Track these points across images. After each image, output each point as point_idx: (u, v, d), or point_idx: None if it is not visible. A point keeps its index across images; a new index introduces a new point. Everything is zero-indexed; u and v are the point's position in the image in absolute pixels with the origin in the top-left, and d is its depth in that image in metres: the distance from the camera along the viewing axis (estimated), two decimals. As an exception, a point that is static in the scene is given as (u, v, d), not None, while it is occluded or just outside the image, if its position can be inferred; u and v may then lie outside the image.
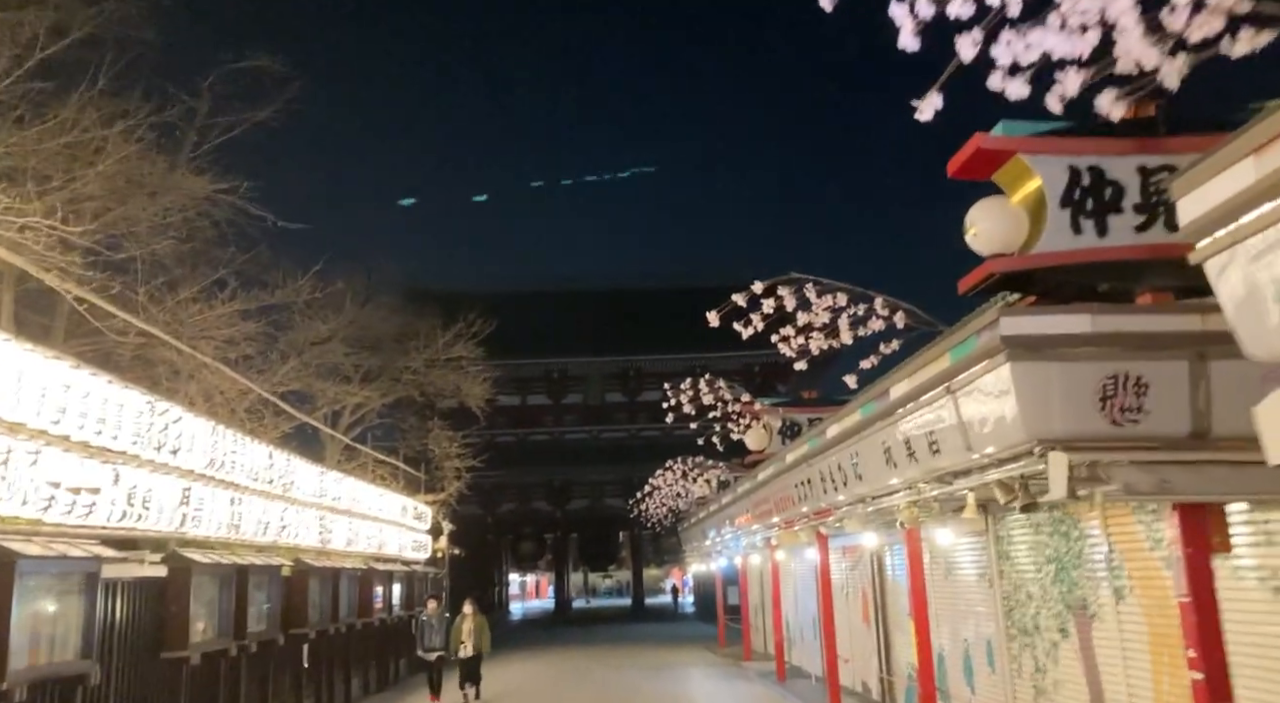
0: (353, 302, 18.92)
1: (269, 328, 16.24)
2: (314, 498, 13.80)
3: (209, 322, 12.77)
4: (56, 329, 12.21)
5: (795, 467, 10.05)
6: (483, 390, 22.57)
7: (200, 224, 12.76)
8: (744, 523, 14.91)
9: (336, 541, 14.84)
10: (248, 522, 11.09)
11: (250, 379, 15.37)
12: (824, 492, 9.09)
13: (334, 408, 20.12)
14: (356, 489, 16.24)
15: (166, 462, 9.01)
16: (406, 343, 21.31)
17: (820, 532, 12.30)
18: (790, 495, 10.76)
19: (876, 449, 7.08)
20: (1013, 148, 4.77)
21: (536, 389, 52.28)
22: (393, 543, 18.74)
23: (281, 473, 12.35)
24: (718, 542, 19.60)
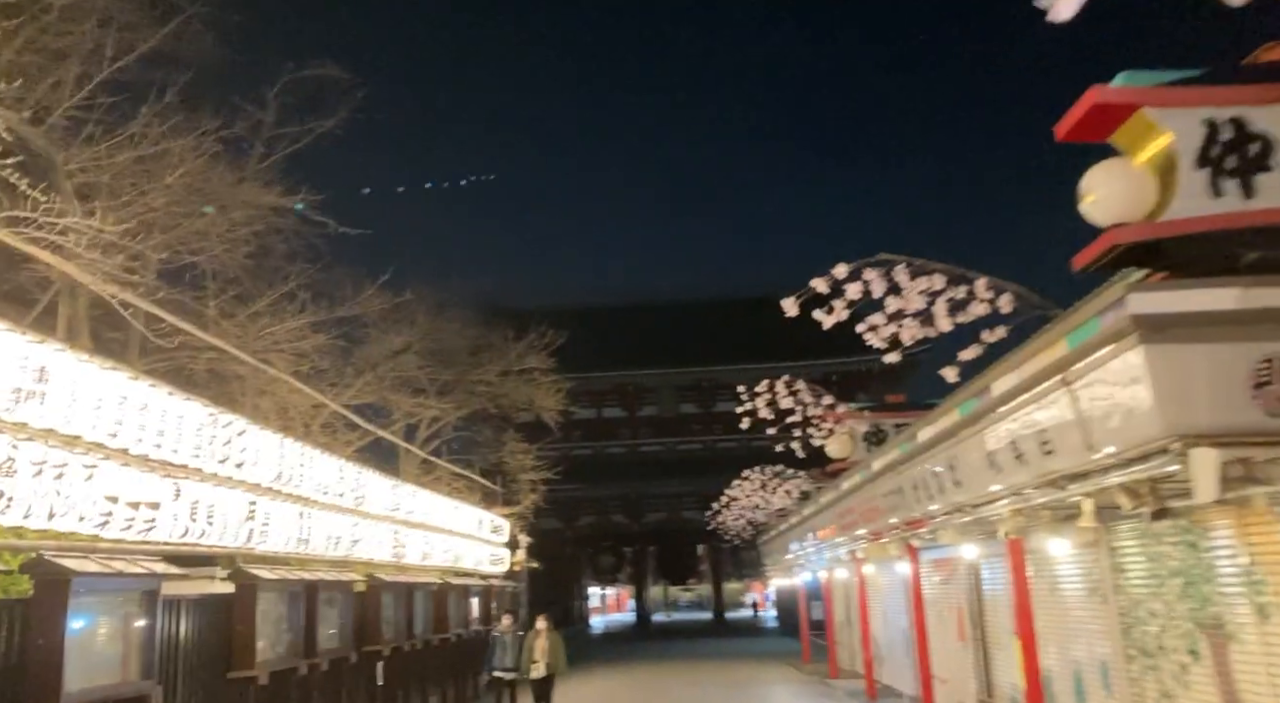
0: (425, 314, 18.82)
1: (342, 341, 16.19)
2: (387, 512, 13.59)
3: (280, 335, 12.67)
4: (131, 345, 12.23)
5: (883, 475, 9.42)
6: (556, 402, 22.30)
7: (269, 237, 12.71)
8: (827, 535, 14.25)
9: (411, 555, 14.62)
10: (317, 536, 10.88)
11: (324, 393, 15.31)
12: (916, 501, 8.44)
13: (410, 422, 20.03)
14: (431, 502, 16.04)
15: (231, 475, 8.82)
16: (480, 355, 21.18)
17: (911, 544, 11.59)
18: (878, 506, 10.12)
19: (977, 453, 6.44)
20: (1136, 101, 4.15)
21: (611, 402, 52.18)
22: (469, 557, 18.52)
23: (352, 486, 12.15)
24: (800, 555, 18.90)
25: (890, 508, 9.44)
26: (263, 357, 12.46)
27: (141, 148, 10.39)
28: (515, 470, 23.15)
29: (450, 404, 20.39)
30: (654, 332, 50.62)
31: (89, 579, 6.32)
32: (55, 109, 9.78)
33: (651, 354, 49.02)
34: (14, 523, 5.89)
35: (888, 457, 8.98)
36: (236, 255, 12.36)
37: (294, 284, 12.48)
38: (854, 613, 18.37)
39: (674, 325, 51.04)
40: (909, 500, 8.69)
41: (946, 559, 12.86)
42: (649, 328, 51.00)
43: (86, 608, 6.53)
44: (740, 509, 20.67)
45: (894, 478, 8.91)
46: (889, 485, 9.24)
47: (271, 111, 11.81)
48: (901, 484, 8.74)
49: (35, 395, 6.03)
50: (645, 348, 49.20)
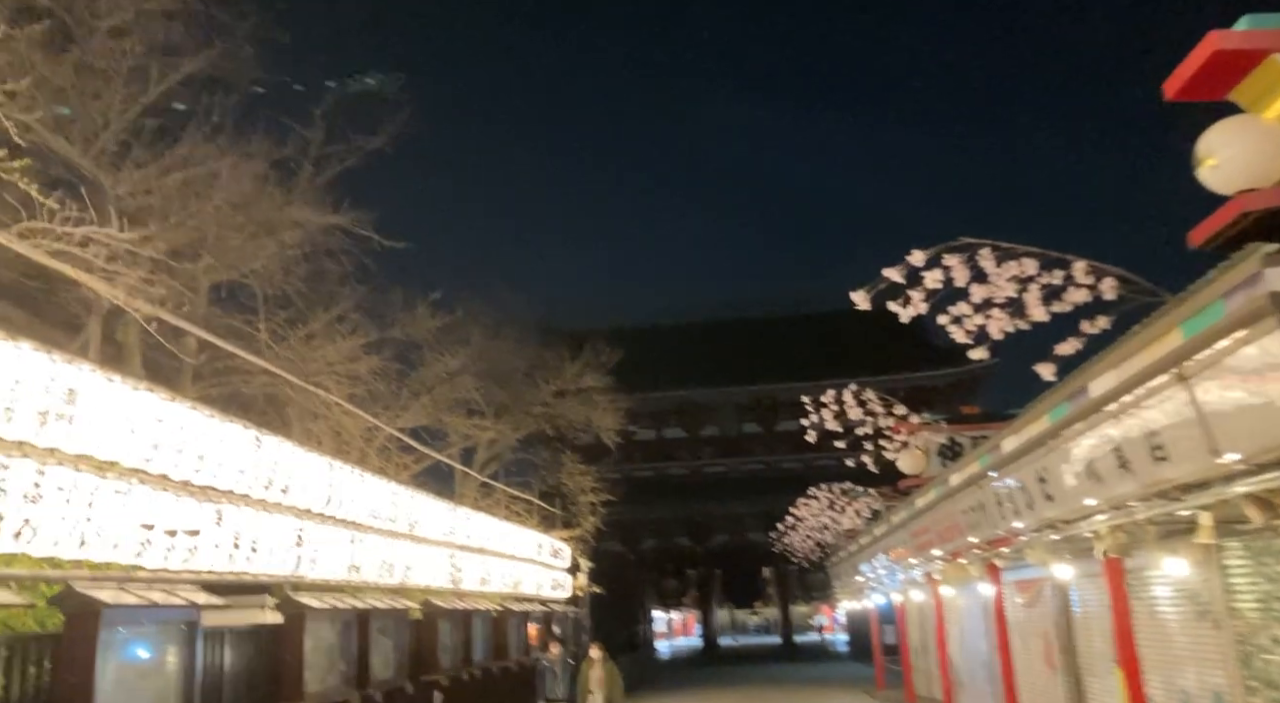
0: (480, 334, 18.58)
1: (397, 363, 16.00)
2: (443, 536, 13.25)
3: (331, 357, 12.47)
4: (184, 371, 12.12)
5: (962, 490, 8.77)
6: (614, 421, 21.86)
7: (320, 258, 12.55)
8: (900, 556, 13.53)
9: (469, 580, 14.25)
10: (370, 563, 10.56)
11: (379, 417, 15.09)
12: (1000, 517, 7.79)
13: (467, 445, 19.77)
14: (488, 526, 15.68)
15: (277, 500, 8.53)
16: (535, 375, 20.87)
17: (993, 564, 10.86)
18: (956, 523, 9.45)
19: (1073, 462, 5.82)
20: (1265, 46, 3.57)
21: (671, 422, 51.56)
22: (529, 581, 18.11)
23: (406, 510, 11.83)
24: (871, 577, 18.13)
25: (970, 526, 8.78)
26: (315, 380, 12.26)
27: (188, 169, 10.28)
28: (574, 493, 22.73)
29: (507, 426, 20.09)
30: (714, 350, 50.10)
31: (122, 611, 6.01)
32: (101, 133, 9.69)
33: (712, 373, 48.43)
34: (43, 553, 5.62)
35: (967, 470, 8.35)
36: (287, 277, 12.20)
37: (345, 305, 12.26)
38: (930, 637, 17.51)
39: (734, 343, 50.47)
40: (992, 517, 8.03)
41: (1031, 581, 12.06)
42: (709, 346, 50.52)
43: (121, 642, 6.24)
44: (807, 530, 19.91)
45: (974, 493, 8.27)
46: (969, 501, 8.60)
47: (319, 130, 11.65)
48: (983, 500, 8.09)
49: (63, 418, 5.77)
50: (705, 366, 48.67)
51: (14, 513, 5.33)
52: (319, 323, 12.30)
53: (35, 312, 11.18)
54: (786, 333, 50.78)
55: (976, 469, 7.84)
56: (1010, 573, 11.71)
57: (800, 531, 20.23)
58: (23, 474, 5.42)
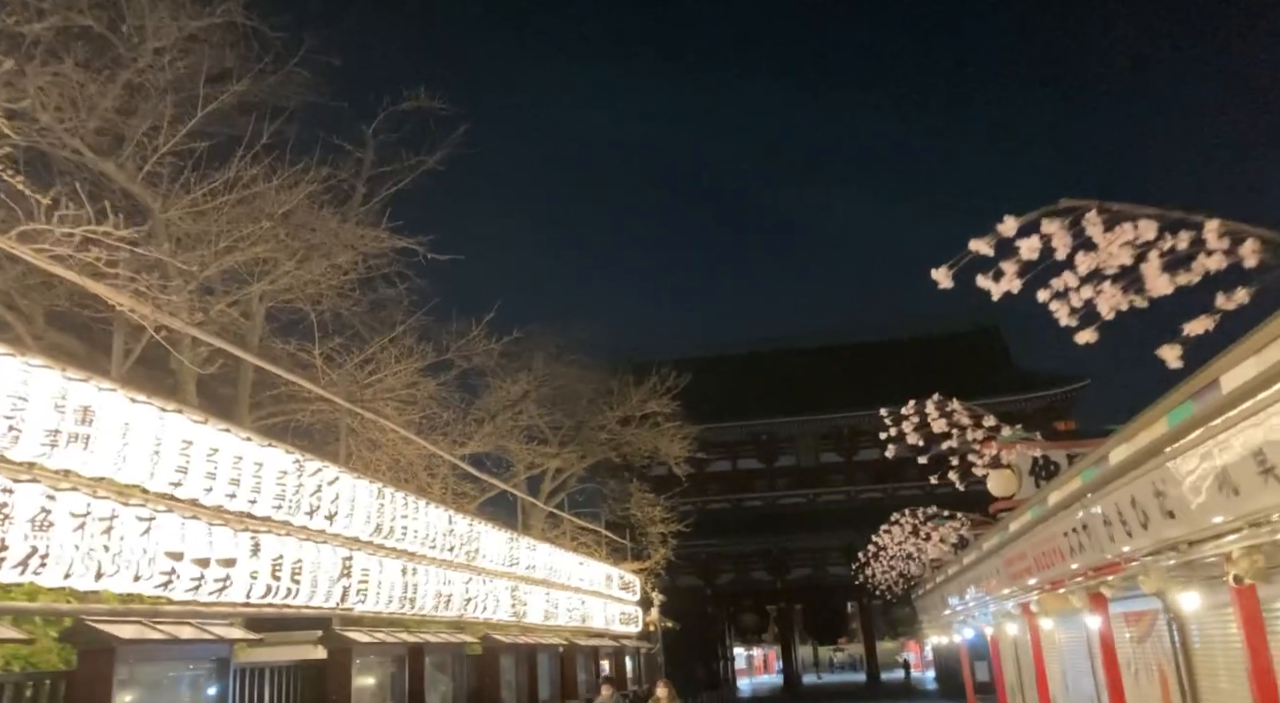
0: (544, 359, 18.18)
1: (456, 390, 15.65)
2: (504, 567, 12.73)
3: (389, 383, 12.13)
4: (241, 399, 11.90)
5: (1062, 511, 7.89)
6: (682, 449, 21.18)
7: (375, 281, 12.28)
8: (992, 586, 12.53)
9: (533, 614, 13.68)
10: (425, 595, 10.07)
11: (440, 444, 14.72)
12: (1108, 540, 6.91)
13: (532, 473, 19.32)
14: (553, 557, 15.12)
15: (321, 528, 8.11)
16: (600, 401, 20.36)
17: (1099, 593, 9.86)
18: (1056, 548, 8.54)
19: (1199, 472, 4.99)
20: None
21: (746, 453, 50.57)
22: (598, 615, 17.47)
23: (464, 540, 11.34)
24: (960, 609, 17.01)
25: (1072, 550, 7.89)
26: (371, 406, 11.93)
27: (238, 191, 10.08)
28: (644, 523, 22.07)
29: (573, 454, 19.59)
30: (789, 378, 49.19)
31: (140, 647, 5.59)
32: (150, 155, 9.54)
33: (787, 401, 47.42)
34: (54, 584, 5.23)
35: (1067, 487, 7.48)
36: (343, 302, 11.94)
37: (402, 329, 11.93)
38: (1028, 674, 16.29)
39: (810, 371, 49.50)
40: (1097, 540, 7.16)
41: (1143, 612, 10.99)
42: (784, 374, 49.64)
43: (146, 680, 5.82)
44: (890, 560, 18.84)
45: (1077, 513, 7.40)
46: (1070, 523, 7.71)
47: (371, 150, 11.40)
48: (1087, 520, 7.22)
49: (77, 439, 5.40)
50: (780, 395, 47.73)
51: (20, 541, 4.95)
52: (375, 347, 11.97)
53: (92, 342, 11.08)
54: (866, 360, 49.62)
55: (1079, 486, 7.00)
56: (1118, 604, 10.67)
57: (882, 560, 19.16)
58: (30, 499, 5.04)
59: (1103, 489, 6.70)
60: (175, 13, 8.91)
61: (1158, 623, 10.72)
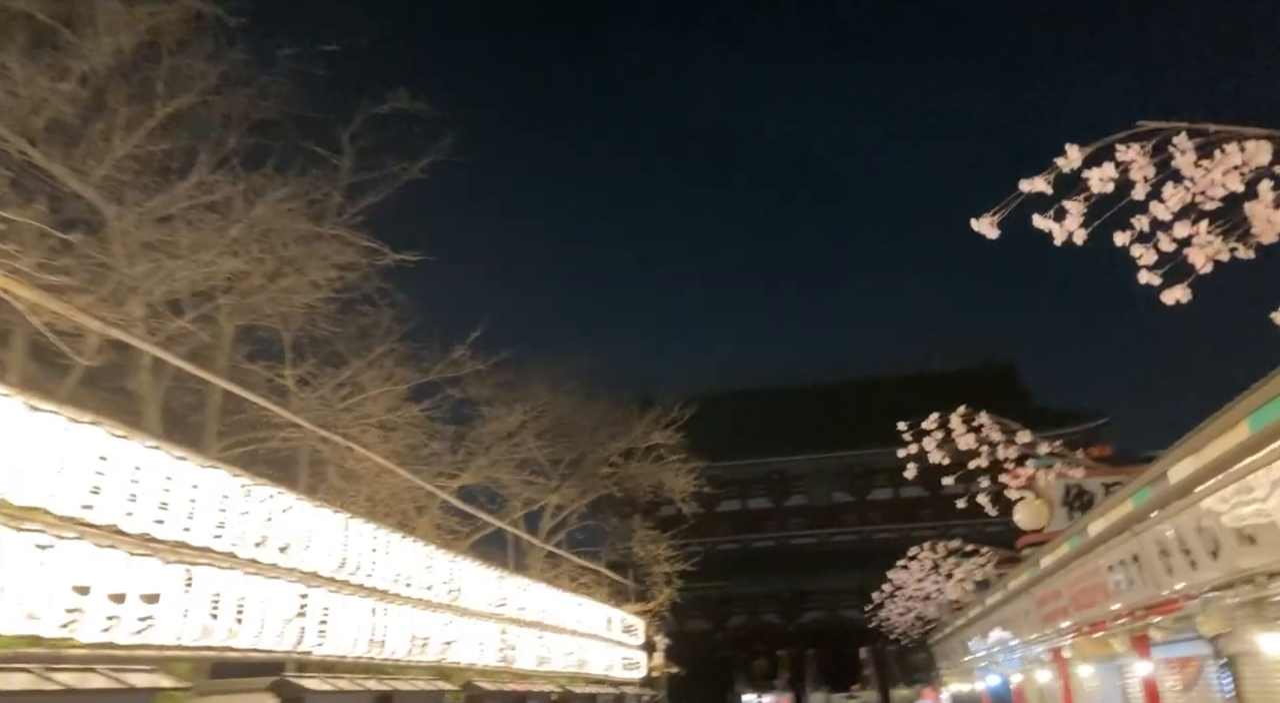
0: (542, 388, 17.34)
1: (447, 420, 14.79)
2: (492, 608, 11.80)
3: (368, 408, 11.31)
4: (209, 426, 11.09)
5: (1107, 542, 6.99)
6: (687, 483, 20.20)
7: (356, 301, 11.51)
8: (1020, 629, 11.53)
9: (523, 658, 12.70)
10: (397, 637, 9.15)
11: (426, 477, 13.87)
12: (1165, 572, 6.01)
13: (530, 509, 18.40)
14: (548, 597, 14.15)
15: (274, 561, 7.24)
16: (600, 433, 19.46)
17: (1144, 636, 8.89)
18: (1098, 585, 7.61)
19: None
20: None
21: (757, 492, 49.47)
22: (597, 661, 16.42)
23: (445, 578, 10.43)
24: (983, 655, 15.95)
25: (1118, 587, 6.96)
26: (348, 433, 11.10)
27: (203, 196, 9.35)
28: (648, 562, 21.03)
29: (573, 489, 18.66)
30: (800, 415, 48.06)
31: (33, 701, 4.71)
32: (104, 158, 8.83)
33: (798, 439, 46.31)
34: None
35: (1114, 514, 6.58)
36: (319, 321, 11.17)
37: (382, 351, 11.12)
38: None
39: (822, 408, 48.36)
40: (1151, 574, 6.25)
41: (1188, 659, 9.98)
42: (795, 411, 48.54)
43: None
44: (907, 600, 17.71)
45: (1126, 544, 6.49)
46: (1117, 555, 6.80)
47: (349, 157, 10.66)
48: (1139, 551, 6.31)
49: (-45, 451, 4.59)
50: (792, 432, 46.60)
51: None
52: (353, 370, 11.15)
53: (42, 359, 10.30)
54: (879, 396, 48.39)
55: (1129, 510, 6.11)
56: (1160, 649, 9.68)
57: (899, 600, 18.04)
58: (-114, 518, 4.22)
59: (1161, 513, 5.81)
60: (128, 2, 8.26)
61: (1205, 670, 9.72)
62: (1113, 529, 6.57)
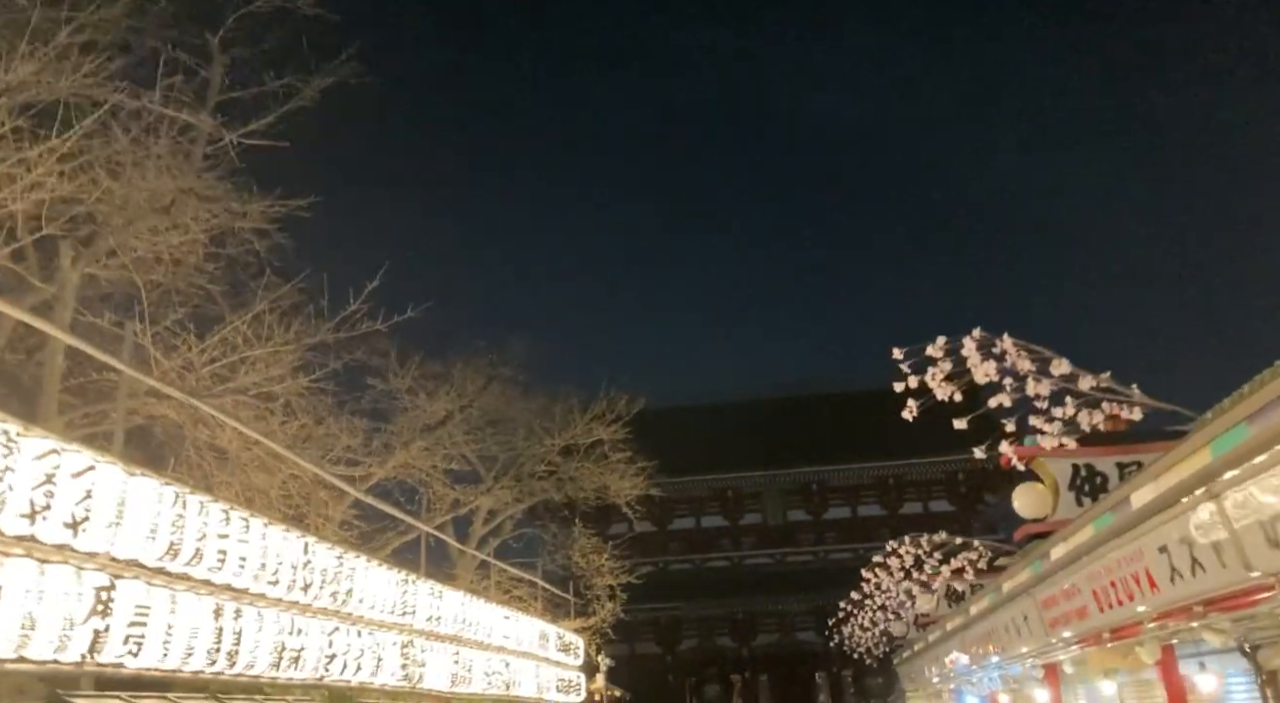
0: (473, 379, 15.51)
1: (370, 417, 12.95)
2: (393, 617, 9.92)
3: (247, 379, 9.44)
4: (48, 391, 9.12)
5: (1160, 513, 5.37)
6: (634, 486, 18.39)
7: (232, 250, 9.64)
8: (1009, 641, 9.92)
9: (433, 677, 10.81)
10: (256, 648, 7.26)
11: (334, 473, 12.00)
12: (1265, 544, 4.39)
13: (458, 513, 16.50)
14: (469, 607, 12.27)
15: (60, 541, 5.38)
16: (539, 429, 17.58)
17: (1170, 645, 7.31)
18: (1133, 572, 5.99)
19: None
20: None
21: (711, 510, 47.82)
22: (528, 682, 14.53)
23: (328, 576, 8.55)
24: (957, 674, 14.33)
25: (1175, 575, 5.35)
26: (219, 405, 9.20)
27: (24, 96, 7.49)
28: (590, 574, 19.12)
29: (508, 492, 16.79)
30: (756, 431, 46.59)
31: None
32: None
33: (755, 456, 44.87)
34: None
35: (1174, 473, 4.96)
36: (189, 273, 9.30)
37: (263, 306, 9.24)
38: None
39: (778, 424, 46.94)
40: (1236, 552, 4.63)
41: (1214, 673, 8.43)
42: (751, 427, 47.07)
43: None
44: (875, 612, 15.91)
45: (1195, 513, 4.88)
46: (1162, 538, 5.19)
47: (220, 66, 8.83)
48: (1214, 522, 4.69)
49: None
50: (747, 449, 45.12)
51: None
52: (227, 331, 9.22)
53: None
54: (837, 412, 47.25)
55: (1205, 463, 4.49)
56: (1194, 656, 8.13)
57: (867, 611, 16.26)
58: None
59: (1243, 475, 4.21)
60: None
61: (1228, 687, 8.20)
62: (1173, 494, 4.96)
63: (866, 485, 45.36)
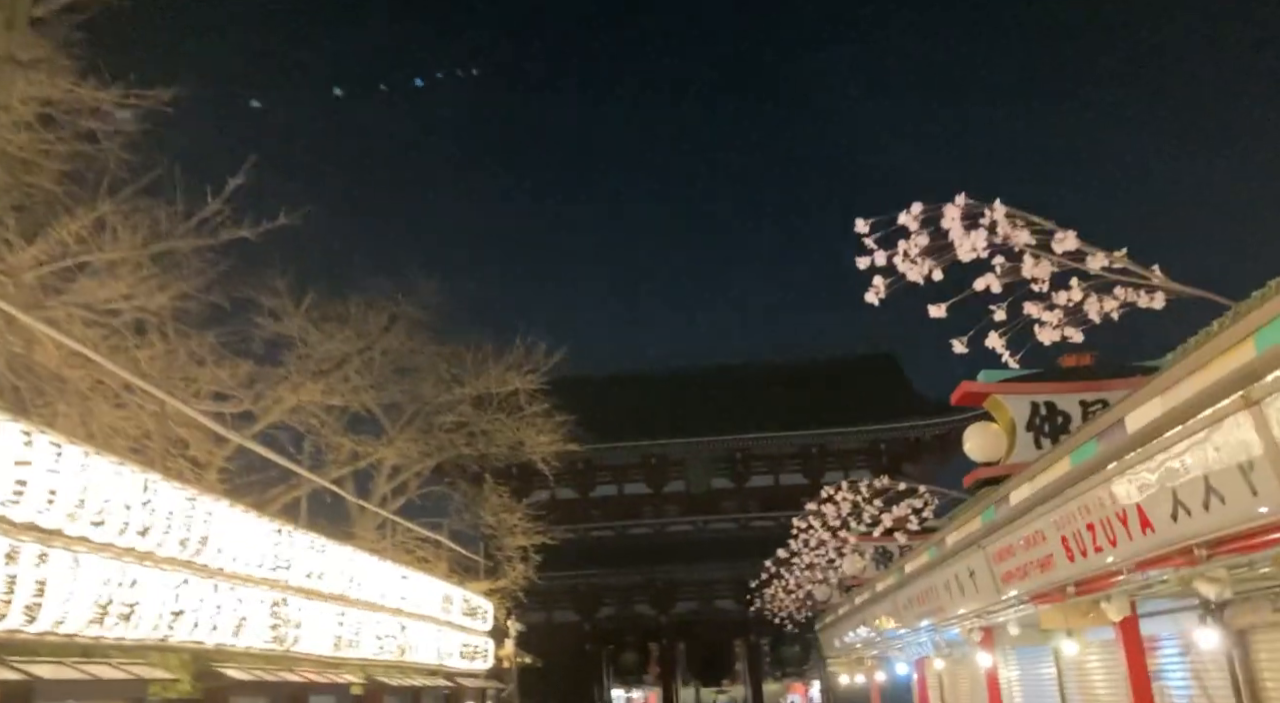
0: (374, 318, 14.14)
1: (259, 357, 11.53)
2: (262, 571, 8.66)
3: (89, 293, 8.00)
4: None
5: (1148, 445, 4.46)
6: (552, 441, 17.21)
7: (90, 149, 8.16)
8: (953, 602, 9.11)
9: (311, 640, 9.57)
10: (73, 602, 5.98)
11: (209, 414, 10.66)
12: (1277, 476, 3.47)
13: (357, 466, 15.15)
14: (357, 564, 11.03)
15: None
16: (449, 378, 16.24)
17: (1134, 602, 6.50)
18: (1118, 512, 5.10)
19: None
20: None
21: (634, 477, 47.16)
22: (427, 647, 13.36)
23: (178, 521, 7.25)
24: (885, 640, 13.64)
25: (1176, 513, 4.45)
26: (48, 319, 7.76)
27: None
28: (501, 533, 17.93)
29: (413, 445, 15.48)
30: (681, 400, 46.45)
31: None
32: None
33: (679, 423, 44.55)
34: None
35: (1187, 387, 4.04)
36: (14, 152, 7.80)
37: (108, 209, 7.79)
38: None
39: (703, 393, 46.91)
40: (1253, 487, 3.72)
41: (1175, 633, 7.71)
42: (675, 396, 46.85)
43: None
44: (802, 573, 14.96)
45: (1202, 440, 3.96)
46: (1181, 461, 4.26)
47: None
48: (1240, 439, 3.77)
49: None
50: (672, 417, 44.85)
51: None
52: (65, 235, 7.77)
53: None
54: (761, 383, 47.42)
55: (1248, 360, 3.56)
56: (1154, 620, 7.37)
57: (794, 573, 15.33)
58: None
59: None
60: None
61: (1195, 644, 7.50)
62: (1188, 409, 4.04)
63: (790, 454, 45.10)
